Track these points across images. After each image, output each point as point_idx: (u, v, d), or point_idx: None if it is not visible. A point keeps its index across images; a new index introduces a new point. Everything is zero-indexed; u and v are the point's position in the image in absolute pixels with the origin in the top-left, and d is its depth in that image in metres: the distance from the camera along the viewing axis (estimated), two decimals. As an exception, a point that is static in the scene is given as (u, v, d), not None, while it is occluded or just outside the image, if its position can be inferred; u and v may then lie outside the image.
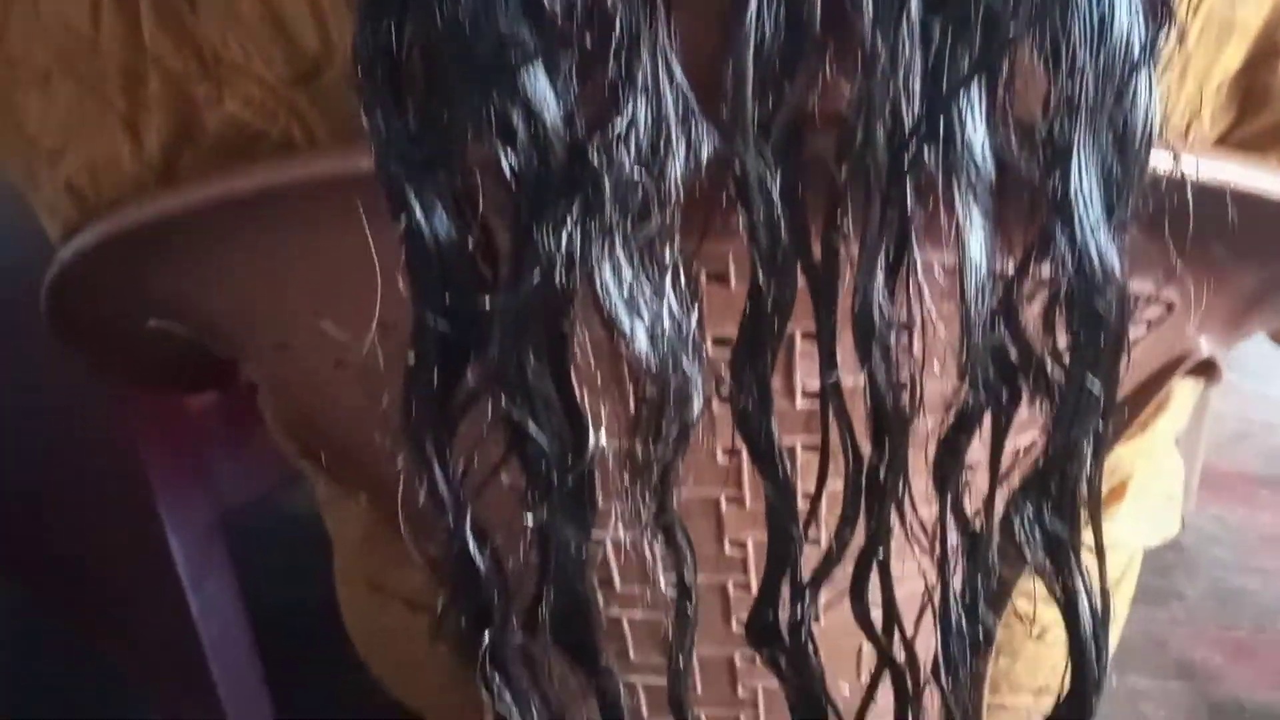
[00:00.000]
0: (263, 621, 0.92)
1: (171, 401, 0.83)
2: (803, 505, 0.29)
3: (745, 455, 0.38)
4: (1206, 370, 0.42)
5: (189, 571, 0.85)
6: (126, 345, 0.48)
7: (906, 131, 0.23)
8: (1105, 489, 0.45)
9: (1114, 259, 0.24)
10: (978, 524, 0.28)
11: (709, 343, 0.30)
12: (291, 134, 0.29)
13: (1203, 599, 1.31)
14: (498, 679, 0.31)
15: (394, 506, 0.45)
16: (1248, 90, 0.29)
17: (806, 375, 0.35)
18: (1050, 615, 0.49)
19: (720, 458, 0.38)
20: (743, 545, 0.42)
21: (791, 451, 0.36)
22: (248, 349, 0.42)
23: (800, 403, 0.35)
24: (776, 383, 0.34)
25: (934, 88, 0.22)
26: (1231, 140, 0.30)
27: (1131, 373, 0.39)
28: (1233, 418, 1.74)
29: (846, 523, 0.27)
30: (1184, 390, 0.43)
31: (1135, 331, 0.36)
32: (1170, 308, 0.35)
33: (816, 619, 0.29)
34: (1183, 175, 0.25)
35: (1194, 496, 1.49)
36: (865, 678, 0.35)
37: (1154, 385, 0.39)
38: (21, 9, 0.30)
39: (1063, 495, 0.27)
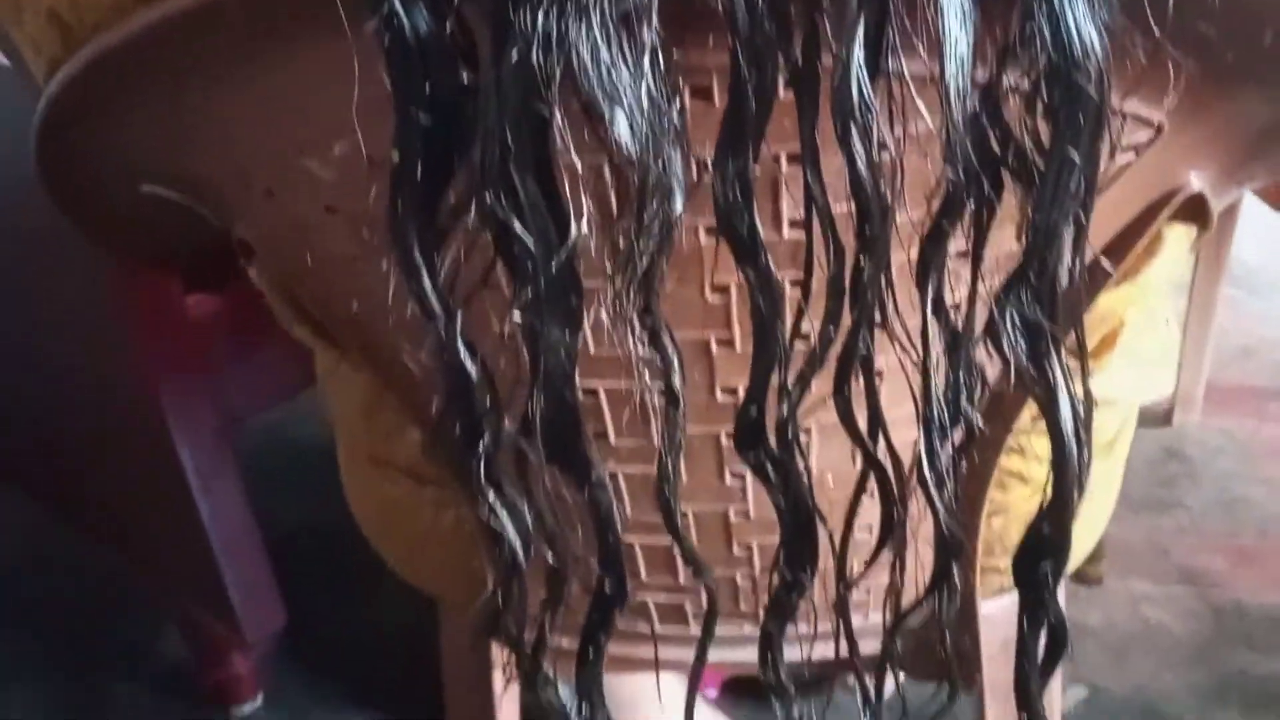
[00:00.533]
0: (274, 543, 0.93)
1: (177, 310, 0.83)
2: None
3: (734, 295, 0.39)
4: (1198, 215, 0.42)
5: (197, 476, 0.86)
6: (122, 215, 0.48)
7: None
8: (1096, 338, 0.45)
9: (1092, 33, 0.24)
10: (960, 320, 0.28)
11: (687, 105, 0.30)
12: None
13: (1207, 508, 1.31)
14: (491, 494, 0.31)
15: (381, 359, 0.45)
16: None
17: (793, 207, 0.35)
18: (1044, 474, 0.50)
19: (709, 296, 0.38)
20: (733, 392, 0.42)
21: (780, 286, 0.36)
22: (237, 205, 0.42)
23: (787, 233, 0.35)
24: (763, 212, 0.34)
25: None
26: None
27: (1119, 208, 0.39)
28: (1240, 334, 1.73)
29: (830, 318, 0.27)
30: (1175, 237, 0.43)
31: (1123, 157, 0.36)
32: (1159, 130, 0.35)
33: (800, 424, 0.29)
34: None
35: (1199, 409, 1.49)
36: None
37: (1142, 223, 0.39)
38: None
39: (1042, 283, 0.27)
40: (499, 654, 0.58)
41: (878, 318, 0.27)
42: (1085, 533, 0.53)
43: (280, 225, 0.42)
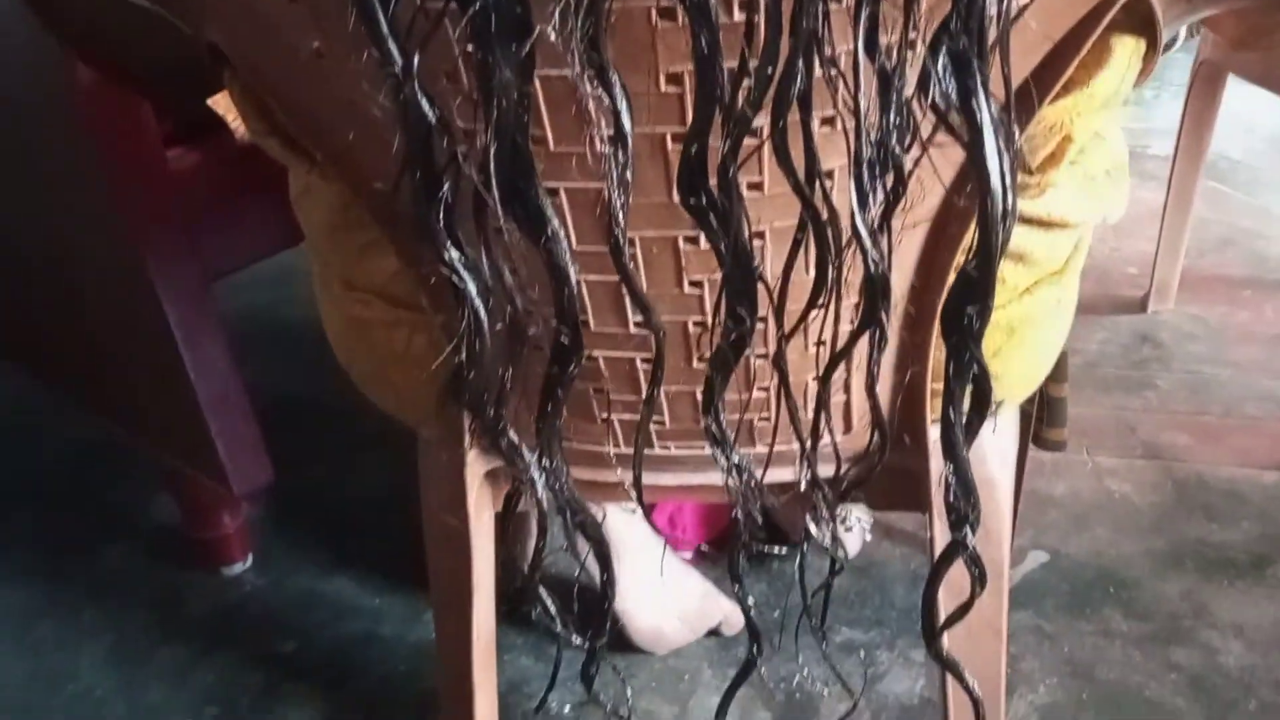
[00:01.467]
0: (262, 413, 0.95)
1: (158, 164, 0.84)
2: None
3: (687, 86, 0.40)
4: (1146, 27, 0.43)
5: (181, 329, 0.88)
6: (99, 25, 0.49)
7: None
8: (1043, 153, 0.47)
9: None
10: (893, 59, 0.29)
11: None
12: None
13: (1175, 388, 1.35)
14: (452, 249, 0.33)
15: (358, 172, 0.46)
16: None
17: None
18: (1018, 313, 0.52)
19: (664, 86, 0.39)
20: (699, 285, 0.44)
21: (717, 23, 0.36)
22: (204, 5, 0.43)
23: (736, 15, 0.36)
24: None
25: None
26: None
27: (1059, 14, 0.40)
28: (1219, 224, 1.75)
29: (767, 51, 0.28)
30: (1124, 49, 0.44)
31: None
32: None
33: (738, 157, 0.30)
34: None
35: (1174, 296, 1.51)
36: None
37: (1087, 26, 0.40)
38: None
39: (970, 16, 0.28)
40: (472, 478, 0.60)
41: (815, 56, 0.28)
42: (1035, 356, 0.55)
43: (246, 23, 0.42)
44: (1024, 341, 0.53)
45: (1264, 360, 1.39)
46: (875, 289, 0.32)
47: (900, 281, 0.44)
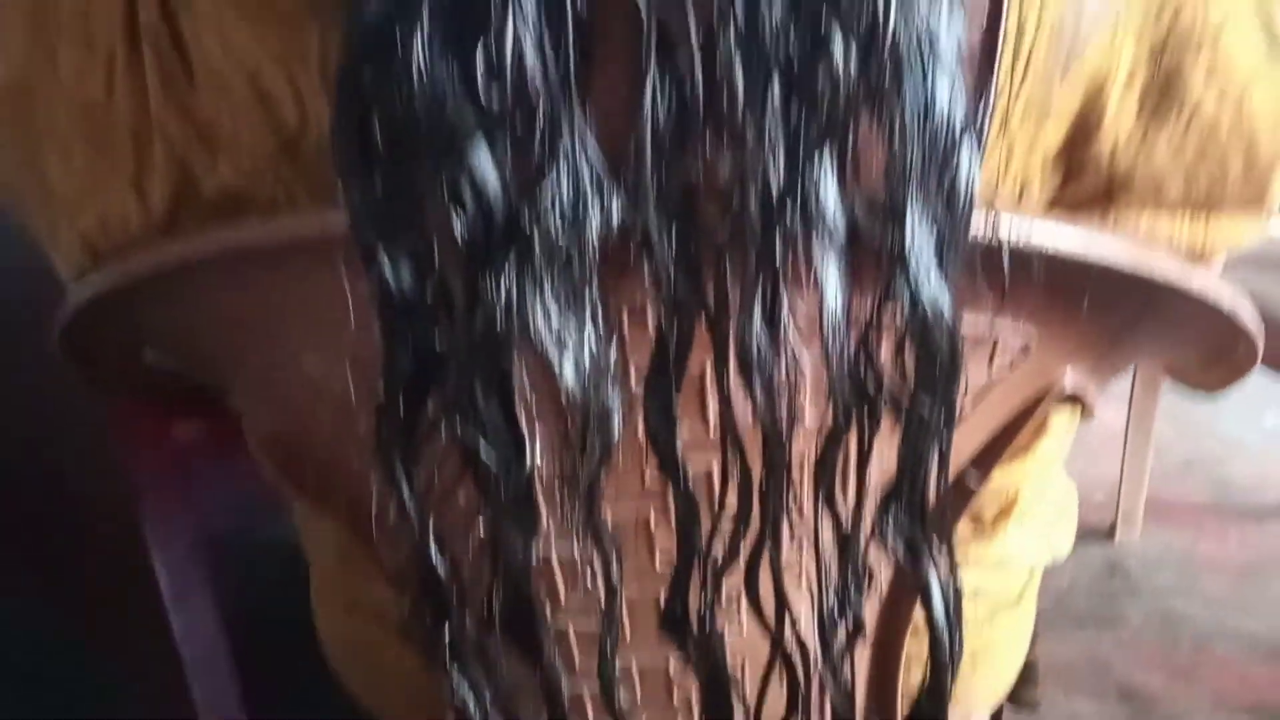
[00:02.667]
0: (245, 637, 0.96)
1: (160, 429, 0.87)
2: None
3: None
4: (1077, 400, 0.48)
5: (171, 591, 0.90)
6: (124, 369, 0.53)
7: (774, 196, 0.29)
8: (994, 509, 0.51)
9: (944, 302, 0.30)
10: (849, 525, 0.33)
11: (633, 372, 0.36)
12: (276, 196, 0.35)
13: (1145, 623, 1.37)
14: (456, 672, 0.36)
15: (366, 524, 0.50)
16: (1068, 163, 0.35)
17: (715, 400, 0.40)
18: (979, 643, 0.55)
19: (649, 479, 0.43)
20: (669, 552, 0.47)
21: (709, 472, 0.41)
22: (235, 380, 0.47)
23: (713, 428, 0.41)
24: (692, 410, 0.40)
25: (793, 159, 0.28)
26: (1060, 202, 0.36)
27: (1003, 403, 0.45)
28: (1181, 448, 1.81)
29: (740, 522, 0.32)
30: (1061, 417, 0.49)
31: (1000, 370, 0.42)
32: (1026, 349, 0.41)
33: (719, 603, 0.34)
34: (1005, 236, 0.32)
35: (1139, 524, 1.55)
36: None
37: (1026, 414, 0.45)
38: (46, 82, 0.36)
39: (914, 498, 0.32)
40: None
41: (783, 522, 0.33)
42: (999, 674, 0.58)
43: (271, 402, 0.47)
44: (988, 665, 0.56)
45: (1231, 594, 1.42)
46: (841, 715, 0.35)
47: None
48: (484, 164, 0.28)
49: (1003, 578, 0.54)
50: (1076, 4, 0.33)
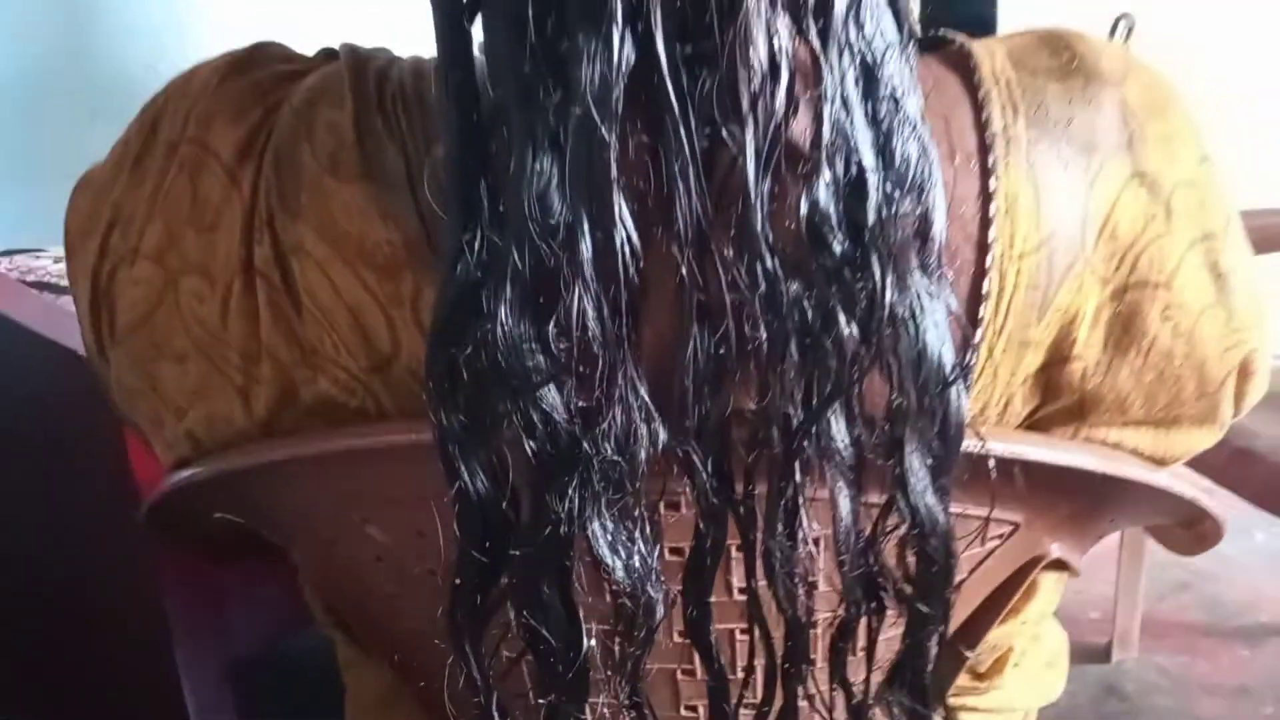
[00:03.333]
0: None
1: (193, 562, 0.92)
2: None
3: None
4: (1064, 566, 0.53)
5: (199, 716, 0.93)
6: (192, 526, 0.59)
7: (794, 431, 0.34)
8: (989, 662, 0.56)
9: (939, 516, 0.36)
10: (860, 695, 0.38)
11: (667, 553, 0.41)
12: (366, 406, 0.41)
13: (1144, 746, 1.39)
14: None
15: (408, 672, 0.54)
16: (1045, 384, 0.41)
17: (738, 578, 0.45)
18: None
19: (676, 638, 0.48)
20: (694, 709, 0.52)
21: (732, 634, 0.46)
22: (300, 542, 0.52)
23: (736, 596, 0.46)
24: (719, 583, 0.45)
25: (808, 403, 0.34)
26: (1038, 417, 0.42)
27: (997, 572, 0.50)
28: (1175, 567, 1.84)
29: (766, 691, 0.37)
30: (1049, 580, 0.54)
31: (992, 544, 0.47)
32: (1016, 527, 0.46)
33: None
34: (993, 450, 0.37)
35: (1136, 645, 1.58)
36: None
37: (1016, 580, 0.50)
38: (168, 306, 0.42)
39: (915, 679, 0.37)
40: None
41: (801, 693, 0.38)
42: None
43: (332, 562, 0.52)
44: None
45: (1227, 715, 1.45)
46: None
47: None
48: (553, 402, 0.34)
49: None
50: (1049, 258, 0.39)
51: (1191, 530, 0.57)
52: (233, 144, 0.40)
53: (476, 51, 0.36)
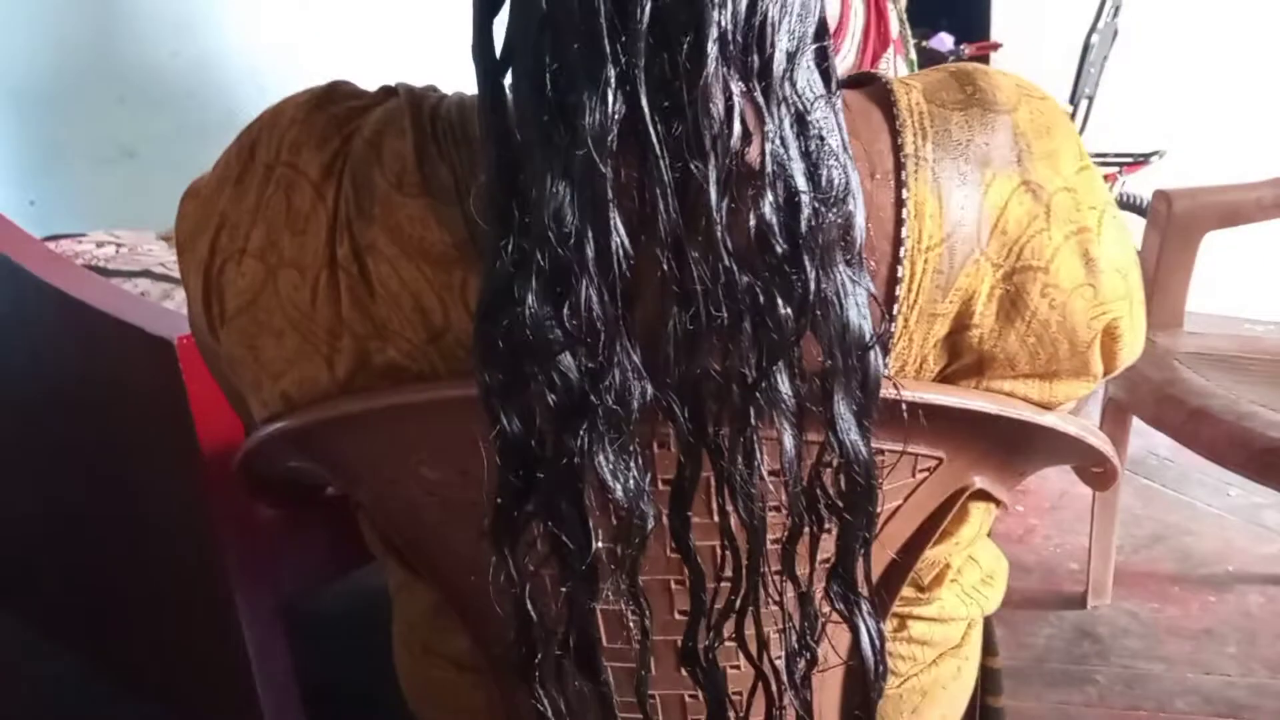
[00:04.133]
0: (314, 694, 1.11)
1: (249, 511, 1.04)
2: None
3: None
4: (990, 498, 0.65)
5: (256, 652, 1.06)
6: (267, 475, 0.71)
7: (748, 385, 0.46)
8: (930, 576, 0.67)
9: (862, 450, 0.47)
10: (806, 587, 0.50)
11: (660, 483, 0.53)
12: (424, 370, 0.53)
13: (1112, 683, 1.51)
14: (541, 691, 0.52)
15: (455, 590, 0.66)
16: (951, 347, 0.53)
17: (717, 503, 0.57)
18: (928, 679, 0.71)
19: (668, 554, 0.60)
20: (685, 613, 0.64)
21: (713, 550, 0.58)
22: (364, 482, 0.64)
23: (716, 518, 0.58)
24: (701, 509, 0.56)
25: (759, 364, 0.45)
26: (948, 372, 0.53)
27: (929, 499, 0.62)
28: (1151, 521, 1.96)
29: (734, 587, 0.49)
30: (978, 509, 0.66)
31: (921, 475, 0.59)
32: (940, 461, 0.58)
33: (721, 643, 0.50)
34: (908, 398, 0.49)
35: (1109, 592, 1.70)
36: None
37: (947, 506, 0.62)
38: (268, 293, 0.53)
39: (848, 575, 0.49)
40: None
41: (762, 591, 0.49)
42: (949, 706, 0.74)
43: (392, 498, 0.64)
44: (936, 700, 0.72)
45: (1191, 654, 1.57)
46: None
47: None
48: (568, 365, 0.46)
49: (943, 629, 0.70)
50: (950, 250, 0.50)
51: (1101, 471, 0.68)
52: (318, 166, 0.52)
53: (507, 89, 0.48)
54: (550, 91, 0.44)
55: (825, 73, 0.46)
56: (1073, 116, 2.78)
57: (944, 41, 2.89)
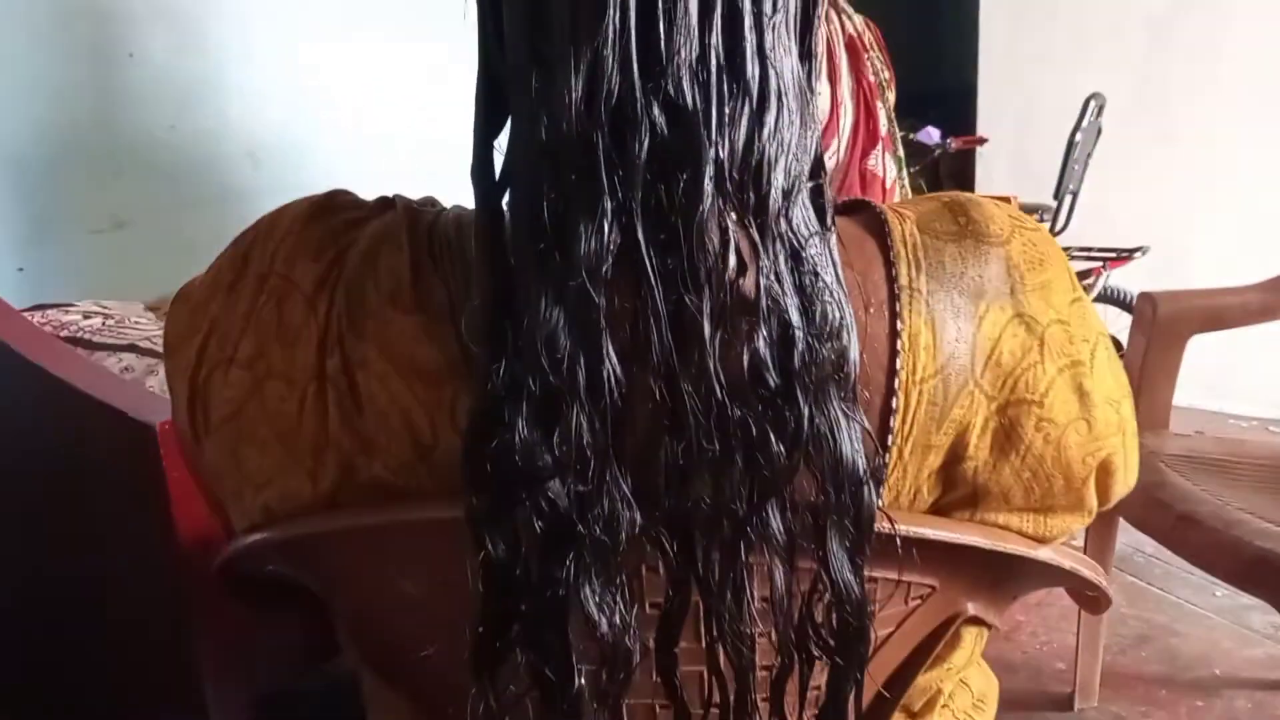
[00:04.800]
0: None
1: (224, 604, 1.02)
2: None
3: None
4: (981, 623, 0.64)
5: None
6: (246, 577, 0.69)
7: (739, 520, 0.45)
8: (921, 702, 0.66)
9: (855, 589, 0.46)
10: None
11: (649, 607, 0.52)
12: (410, 486, 0.52)
13: (1101, 791, 1.48)
14: None
15: (426, 706, 0.64)
16: (945, 479, 0.52)
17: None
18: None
19: (655, 676, 0.58)
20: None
21: (701, 675, 0.57)
22: (343, 593, 0.63)
23: (704, 643, 0.56)
24: (690, 632, 0.55)
25: (751, 500, 0.45)
26: (941, 503, 0.53)
27: (921, 626, 0.60)
28: (1137, 620, 1.94)
29: (721, 716, 0.48)
30: (970, 634, 0.64)
31: (914, 603, 0.58)
32: (933, 589, 0.57)
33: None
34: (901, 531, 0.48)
35: (1096, 695, 1.68)
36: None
37: (939, 634, 0.61)
38: (254, 404, 0.53)
39: (838, 711, 0.48)
40: None
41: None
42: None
43: (371, 610, 0.62)
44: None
45: (1180, 764, 1.54)
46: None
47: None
48: (557, 492, 0.45)
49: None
50: (944, 381, 0.50)
51: (1095, 595, 0.67)
52: (312, 278, 0.52)
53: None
54: (547, 218, 0.44)
55: (820, 209, 0.47)
56: (1057, 212, 2.83)
57: (931, 135, 2.94)
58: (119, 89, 2.17)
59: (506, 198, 0.47)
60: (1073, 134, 2.74)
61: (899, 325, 0.49)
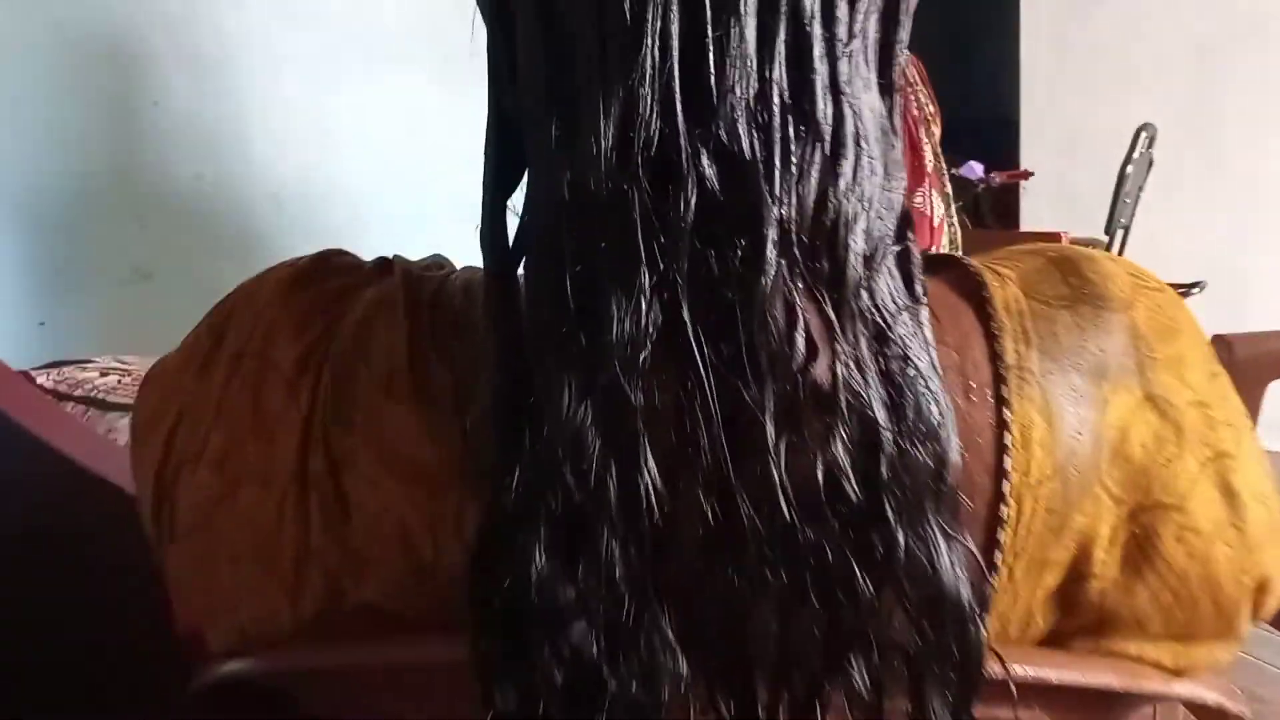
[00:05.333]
0: None
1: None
2: None
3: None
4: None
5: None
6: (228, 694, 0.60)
7: (814, 673, 0.36)
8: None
9: None
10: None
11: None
12: (405, 612, 0.43)
13: None
14: None
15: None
16: (1064, 601, 0.42)
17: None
18: None
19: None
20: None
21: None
22: (344, 711, 0.54)
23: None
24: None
25: (829, 646, 0.35)
26: (1059, 630, 0.43)
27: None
28: None
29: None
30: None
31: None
32: (1039, 727, 0.47)
33: None
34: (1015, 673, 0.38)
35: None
36: None
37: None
38: (225, 510, 0.44)
39: None
40: None
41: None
42: None
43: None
44: None
45: None
46: None
47: None
48: (581, 637, 0.36)
49: None
50: (1064, 483, 0.40)
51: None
52: (293, 357, 0.43)
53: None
54: (571, 294, 0.35)
55: (908, 276, 0.38)
56: (1108, 247, 2.72)
57: (974, 169, 2.85)
58: (143, 137, 2.13)
59: (522, 268, 0.39)
60: (1124, 166, 2.64)
61: (1007, 415, 0.40)
